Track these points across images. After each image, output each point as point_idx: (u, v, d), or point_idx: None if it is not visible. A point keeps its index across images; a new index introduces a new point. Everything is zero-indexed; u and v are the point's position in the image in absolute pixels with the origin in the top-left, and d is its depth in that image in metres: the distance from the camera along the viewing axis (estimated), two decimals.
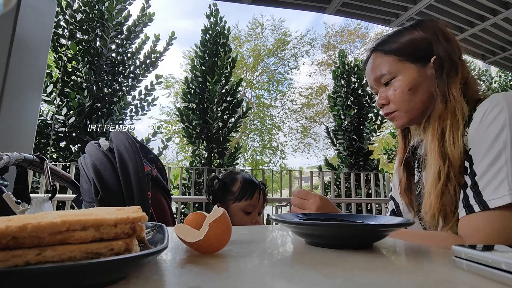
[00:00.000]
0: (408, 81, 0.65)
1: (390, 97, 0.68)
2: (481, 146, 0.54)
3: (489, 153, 0.53)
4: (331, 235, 0.42)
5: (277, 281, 0.28)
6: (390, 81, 0.68)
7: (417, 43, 0.66)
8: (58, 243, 0.23)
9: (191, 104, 4.81)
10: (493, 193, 0.51)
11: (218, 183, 1.15)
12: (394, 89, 0.67)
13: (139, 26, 4.47)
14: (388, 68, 0.67)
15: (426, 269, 0.33)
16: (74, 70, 3.99)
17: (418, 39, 0.66)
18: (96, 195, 0.74)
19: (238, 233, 0.53)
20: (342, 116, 5.48)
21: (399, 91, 0.66)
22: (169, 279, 0.27)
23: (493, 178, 0.51)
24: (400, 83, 0.66)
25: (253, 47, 12.81)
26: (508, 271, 0.26)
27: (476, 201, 0.53)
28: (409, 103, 0.66)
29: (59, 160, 3.74)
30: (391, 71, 0.67)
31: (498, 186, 0.51)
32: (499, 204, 0.50)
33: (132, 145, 0.80)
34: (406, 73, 0.65)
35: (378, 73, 0.69)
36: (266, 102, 13.12)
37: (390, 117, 0.70)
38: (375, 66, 0.70)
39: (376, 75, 0.70)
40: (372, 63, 0.71)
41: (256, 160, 12.68)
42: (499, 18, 3.38)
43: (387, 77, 0.68)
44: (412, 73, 0.65)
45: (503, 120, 0.52)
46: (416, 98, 0.65)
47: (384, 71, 0.68)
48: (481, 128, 0.55)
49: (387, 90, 0.69)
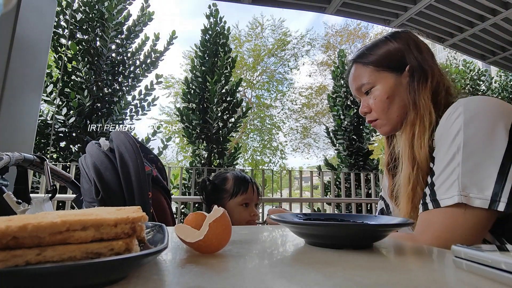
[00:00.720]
0: (385, 90, 0.69)
1: (371, 106, 0.72)
2: (441, 148, 0.58)
3: (446, 155, 0.56)
4: (331, 235, 0.42)
5: (277, 281, 0.28)
6: (370, 90, 0.72)
7: (392, 54, 0.70)
8: (58, 243, 0.23)
9: (191, 104, 4.81)
10: (445, 193, 0.54)
11: (210, 185, 1.16)
12: (374, 98, 0.71)
13: (139, 26, 4.47)
14: (367, 78, 0.71)
15: (426, 269, 0.33)
16: (74, 70, 4.00)
17: (392, 50, 0.70)
18: (97, 195, 0.74)
19: (238, 233, 0.53)
20: (341, 116, 5.48)
21: (378, 100, 0.70)
22: (169, 279, 0.27)
23: (447, 178, 0.54)
24: (378, 92, 0.70)
25: (253, 47, 12.82)
26: (508, 271, 0.26)
27: (430, 199, 0.56)
28: (388, 111, 0.69)
29: (59, 160, 3.74)
30: (370, 81, 0.71)
31: (450, 186, 0.53)
32: (449, 204, 0.52)
33: (132, 145, 0.80)
34: (383, 82, 0.69)
35: (359, 83, 0.73)
36: (266, 102, 13.13)
37: (373, 124, 0.74)
38: (356, 77, 0.74)
39: (357, 85, 0.74)
40: (353, 73, 0.75)
41: (256, 160, 12.69)
42: (499, 18, 3.38)
43: (366, 86, 0.72)
44: (389, 82, 0.69)
45: (459, 125, 0.55)
46: (394, 106, 0.69)
47: (364, 81, 0.72)
48: (443, 131, 0.58)
49: (368, 99, 0.73)
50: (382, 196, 0.84)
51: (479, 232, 0.53)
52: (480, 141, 0.53)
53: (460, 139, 0.54)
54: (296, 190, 4.09)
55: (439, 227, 0.54)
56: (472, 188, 0.51)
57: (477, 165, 0.52)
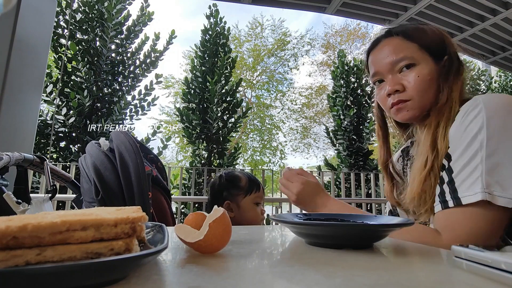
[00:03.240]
0: (428, 71, 0.65)
1: (407, 84, 0.66)
2: (459, 145, 0.56)
3: (466, 152, 0.55)
4: (331, 235, 0.42)
5: (277, 281, 0.28)
6: (410, 67, 0.66)
7: (436, 39, 0.68)
8: (58, 243, 0.23)
9: (191, 104, 4.81)
10: (467, 190, 0.53)
11: (224, 182, 1.19)
12: (416, 75, 0.65)
13: (139, 25, 4.47)
14: (410, 53, 0.66)
15: (426, 269, 0.33)
16: (74, 70, 3.99)
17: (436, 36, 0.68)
18: (97, 195, 0.74)
19: (238, 233, 0.53)
20: (341, 116, 5.48)
21: (421, 78, 0.65)
22: (169, 279, 0.27)
23: (469, 176, 0.53)
24: (422, 71, 0.65)
25: (253, 47, 12.82)
26: (508, 271, 0.26)
27: (451, 197, 0.55)
28: (425, 93, 0.65)
29: (59, 160, 3.74)
30: (414, 57, 0.66)
31: (472, 184, 0.52)
32: (472, 201, 0.52)
33: (132, 145, 0.80)
34: (426, 64, 0.66)
35: (398, 56, 0.66)
36: (266, 102, 13.13)
37: (402, 106, 0.67)
38: (396, 49, 0.67)
39: (394, 58, 0.67)
40: (387, 46, 0.69)
41: (256, 160, 12.69)
42: (499, 18, 3.38)
43: (408, 61, 0.66)
44: (431, 65, 0.66)
45: (481, 122, 0.54)
46: (432, 91, 0.65)
47: (406, 55, 0.66)
48: (461, 128, 0.57)
49: (403, 77, 0.66)
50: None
51: (499, 231, 0.52)
52: (504, 138, 0.52)
53: (483, 135, 0.53)
54: None
55: (462, 226, 0.53)
56: (495, 186, 0.50)
57: (500, 163, 0.51)
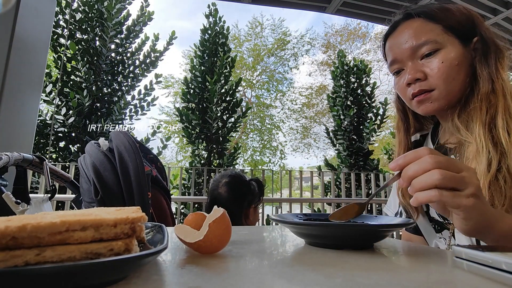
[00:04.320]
0: (455, 56, 0.57)
1: (430, 72, 0.58)
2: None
3: None
4: (331, 235, 0.42)
5: (277, 281, 0.27)
6: (432, 53, 0.58)
7: (463, 20, 0.60)
8: (58, 243, 0.23)
9: (191, 104, 4.81)
10: None
11: (252, 186, 1.20)
12: (440, 61, 0.57)
13: (139, 25, 4.47)
14: (433, 36, 0.58)
15: (426, 269, 0.33)
16: (74, 70, 3.99)
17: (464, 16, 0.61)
18: (96, 195, 0.74)
19: (238, 233, 0.53)
20: (341, 116, 5.48)
21: (447, 65, 0.57)
22: (169, 279, 0.27)
23: None
24: (447, 56, 0.57)
25: (253, 47, 12.82)
26: (508, 271, 0.26)
27: None
28: (453, 81, 0.57)
29: (59, 160, 3.74)
30: (438, 40, 0.58)
31: None
32: None
33: (132, 145, 0.80)
34: (452, 47, 0.58)
35: (419, 40, 0.59)
36: (266, 102, 13.13)
37: (426, 96, 0.59)
38: (417, 32, 0.59)
39: (415, 43, 0.59)
40: (407, 29, 0.61)
41: (256, 160, 12.69)
42: (499, 18, 3.38)
43: (431, 46, 0.58)
44: (458, 48, 0.58)
45: None
46: (461, 77, 0.58)
47: (429, 39, 0.58)
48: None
49: (425, 64, 0.59)
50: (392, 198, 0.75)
51: None
52: None
53: None
54: (296, 190, 4.09)
55: None
56: None
57: None
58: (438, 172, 0.37)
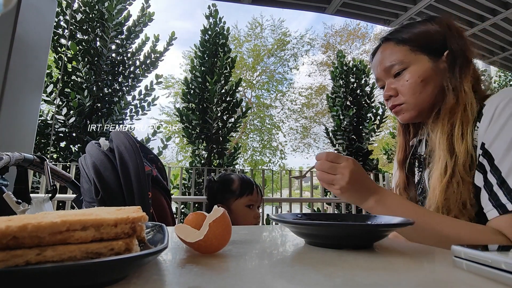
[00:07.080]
0: (420, 72, 0.64)
1: (399, 88, 0.66)
2: (502, 142, 0.53)
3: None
4: (331, 235, 0.42)
5: (277, 281, 0.28)
6: (401, 72, 0.66)
7: (431, 35, 0.65)
8: (58, 243, 0.23)
9: (191, 104, 4.81)
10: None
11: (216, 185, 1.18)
12: (405, 80, 0.65)
13: (139, 26, 4.47)
14: (400, 58, 0.65)
15: (426, 269, 0.33)
16: (74, 70, 3.99)
17: (432, 31, 0.65)
18: (97, 195, 0.74)
19: (238, 233, 0.53)
20: (341, 116, 5.48)
21: (411, 82, 0.64)
22: (169, 279, 0.27)
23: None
24: (412, 74, 0.64)
25: (253, 47, 12.82)
26: (508, 271, 0.26)
27: (508, 198, 0.51)
28: (419, 95, 0.64)
29: (59, 160, 3.74)
30: (403, 61, 0.65)
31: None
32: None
33: (132, 145, 0.80)
34: (419, 64, 0.64)
35: (388, 63, 0.67)
36: (266, 102, 13.13)
37: (398, 109, 0.68)
38: (386, 56, 0.68)
39: (386, 65, 0.67)
40: (382, 53, 0.69)
41: (256, 160, 12.69)
42: (499, 18, 3.38)
43: (398, 67, 0.66)
44: (425, 64, 0.64)
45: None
46: (427, 91, 0.64)
47: (395, 61, 0.66)
48: (498, 123, 0.54)
49: (396, 81, 0.67)
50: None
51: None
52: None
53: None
54: (296, 190, 4.09)
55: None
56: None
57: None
58: (318, 173, 0.60)
